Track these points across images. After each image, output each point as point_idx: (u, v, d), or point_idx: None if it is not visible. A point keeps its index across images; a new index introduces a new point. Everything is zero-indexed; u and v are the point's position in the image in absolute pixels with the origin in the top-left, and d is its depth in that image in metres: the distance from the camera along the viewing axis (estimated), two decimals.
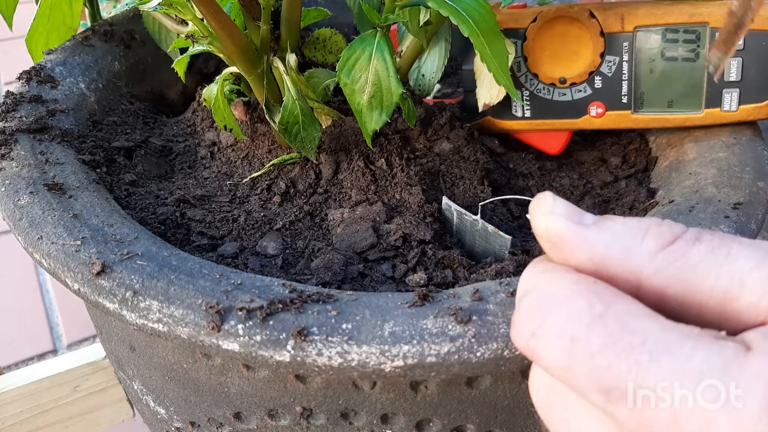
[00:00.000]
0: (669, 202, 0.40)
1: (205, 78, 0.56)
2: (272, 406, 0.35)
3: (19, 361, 0.79)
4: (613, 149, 0.50)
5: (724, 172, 0.41)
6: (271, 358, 0.29)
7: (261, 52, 0.42)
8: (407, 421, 0.35)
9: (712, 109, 0.44)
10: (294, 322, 0.30)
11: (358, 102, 0.39)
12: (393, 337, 0.29)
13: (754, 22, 0.41)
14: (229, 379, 0.35)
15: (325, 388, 0.34)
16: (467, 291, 0.32)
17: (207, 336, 0.30)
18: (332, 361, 0.29)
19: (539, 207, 0.24)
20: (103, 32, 0.53)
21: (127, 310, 0.31)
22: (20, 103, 0.44)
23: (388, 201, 0.43)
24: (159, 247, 0.34)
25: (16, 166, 0.39)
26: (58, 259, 0.34)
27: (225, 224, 0.41)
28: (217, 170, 0.46)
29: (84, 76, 0.49)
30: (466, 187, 0.45)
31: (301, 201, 0.43)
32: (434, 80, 0.50)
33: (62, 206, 0.36)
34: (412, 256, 0.39)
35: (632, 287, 0.22)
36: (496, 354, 0.29)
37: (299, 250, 0.40)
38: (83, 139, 0.44)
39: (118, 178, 0.43)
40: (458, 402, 0.34)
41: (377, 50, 0.39)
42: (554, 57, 0.45)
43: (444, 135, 0.46)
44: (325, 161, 0.44)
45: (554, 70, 0.45)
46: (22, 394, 0.55)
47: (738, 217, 0.37)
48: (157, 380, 0.39)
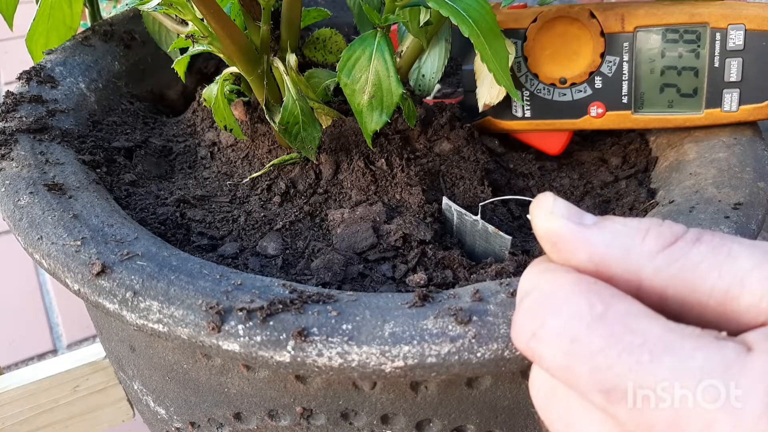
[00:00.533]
0: (669, 202, 0.40)
1: (205, 78, 0.56)
2: (272, 407, 0.35)
3: (19, 361, 0.80)
4: (613, 149, 0.50)
5: (724, 172, 0.41)
6: (271, 359, 0.29)
7: (261, 52, 0.42)
8: (407, 421, 0.35)
9: (712, 109, 0.44)
10: (294, 322, 0.30)
11: (359, 102, 0.39)
12: (393, 338, 0.29)
13: (754, 22, 0.41)
14: (229, 379, 0.35)
15: (325, 388, 0.34)
16: (467, 291, 0.32)
17: (207, 336, 0.30)
18: (332, 362, 0.29)
19: (540, 207, 0.24)
20: (103, 32, 0.53)
21: (127, 311, 0.31)
22: (20, 103, 0.44)
23: (389, 201, 0.43)
24: (159, 247, 0.34)
25: (16, 167, 0.39)
26: (58, 259, 0.34)
27: (225, 224, 0.41)
28: (217, 170, 0.46)
29: (84, 76, 0.49)
30: (466, 187, 0.45)
31: (301, 201, 0.43)
32: (434, 80, 0.50)
33: (62, 206, 0.36)
34: (412, 256, 0.39)
35: (633, 287, 0.22)
36: (496, 354, 0.29)
37: (299, 251, 0.40)
38: (83, 139, 0.44)
39: (118, 178, 0.43)
40: (458, 402, 0.34)
41: (377, 50, 0.39)
42: (554, 57, 0.45)
43: (444, 135, 0.46)
44: (326, 161, 0.44)
45: (554, 70, 0.45)
46: (22, 394, 0.55)
47: (738, 218, 0.37)
48: (157, 380, 0.39)
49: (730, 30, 0.41)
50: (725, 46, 0.42)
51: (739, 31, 0.41)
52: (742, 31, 0.41)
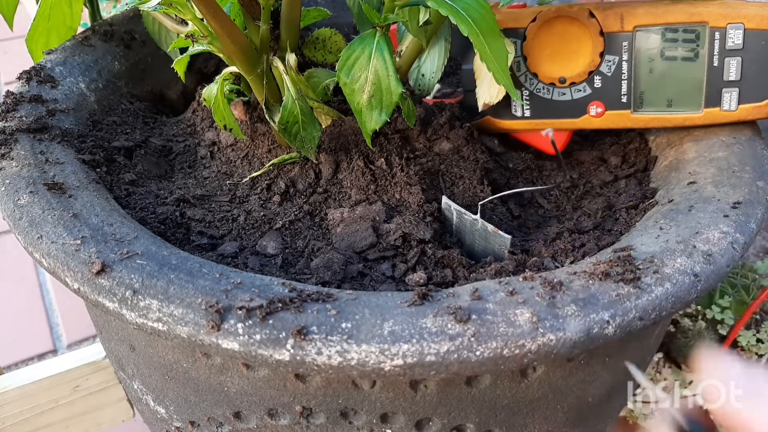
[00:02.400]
0: (668, 201, 0.40)
1: (205, 78, 0.56)
2: (272, 405, 0.35)
3: (19, 361, 0.80)
4: (613, 149, 0.50)
5: (723, 171, 0.41)
6: (270, 357, 0.29)
7: (261, 52, 0.42)
8: (407, 420, 0.35)
9: (711, 108, 0.44)
10: (294, 321, 0.30)
11: (358, 101, 0.39)
12: (392, 336, 0.29)
13: (753, 21, 0.41)
14: (229, 378, 0.35)
15: (324, 387, 0.34)
16: (466, 290, 0.32)
17: (207, 335, 0.30)
18: (332, 360, 0.29)
19: None
20: (103, 32, 0.53)
21: (126, 310, 0.31)
22: (20, 103, 0.44)
23: (388, 200, 0.43)
24: (159, 246, 0.34)
25: (16, 166, 0.39)
26: (58, 258, 0.34)
27: (225, 224, 0.41)
28: (217, 170, 0.46)
29: (84, 76, 0.49)
30: (465, 186, 0.45)
31: (301, 200, 0.43)
32: (434, 80, 0.50)
33: (62, 206, 0.36)
34: (411, 255, 0.39)
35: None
36: (495, 353, 0.29)
37: (299, 250, 0.40)
38: (83, 138, 0.44)
39: (118, 178, 0.43)
40: (458, 401, 0.34)
41: (377, 50, 0.39)
42: (554, 56, 0.45)
43: (443, 135, 0.46)
44: (325, 161, 0.44)
45: (554, 70, 0.45)
46: (22, 394, 0.55)
47: (737, 217, 0.37)
48: (156, 380, 0.39)
49: (729, 29, 0.41)
50: (724, 45, 0.42)
51: (738, 30, 0.41)
52: (741, 30, 0.41)
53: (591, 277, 0.32)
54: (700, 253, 0.34)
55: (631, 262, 0.33)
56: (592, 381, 0.37)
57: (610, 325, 0.31)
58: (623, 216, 0.42)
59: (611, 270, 0.33)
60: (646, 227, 0.38)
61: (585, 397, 0.38)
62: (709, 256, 0.34)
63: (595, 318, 0.30)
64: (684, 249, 0.34)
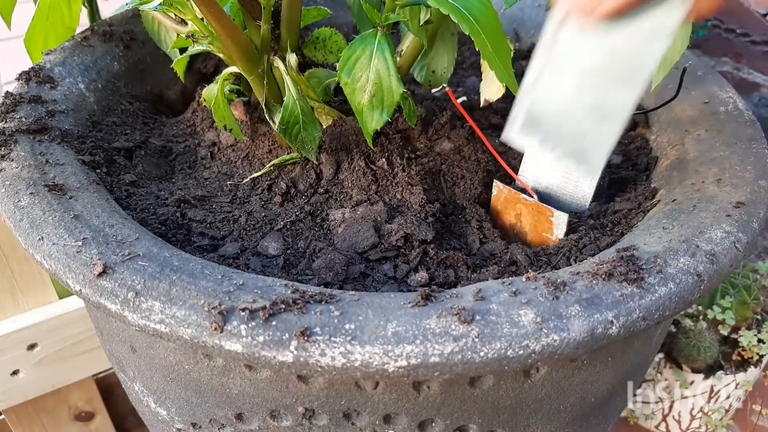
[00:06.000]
0: (671, 201, 0.40)
1: (204, 78, 0.56)
2: (274, 407, 0.35)
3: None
4: (614, 149, 0.50)
5: (725, 170, 0.41)
6: (273, 359, 0.29)
7: (261, 52, 0.41)
8: (410, 421, 0.35)
9: None
10: (297, 322, 0.29)
11: (359, 101, 0.39)
12: (396, 337, 0.29)
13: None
14: (231, 379, 0.35)
15: (327, 388, 0.34)
16: (470, 291, 0.32)
17: (209, 337, 0.30)
18: (335, 362, 0.29)
19: None
20: (102, 32, 0.52)
21: (129, 311, 0.31)
22: (20, 104, 0.44)
23: (390, 201, 0.43)
24: (160, 247, 0.34)
25: (16, 167, 0.39)
26: (59, 260, 0.33)
27: (226, 225, 0.41)
28: (218, 170, 0.46)
29: (83, 77, 0.49)
30: (466, 187, 0.45)
31: (302, 201, 0.43)
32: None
33: (63, 207, 0.36)
34: (413, 256, 0.39)
35: None
36: (499, 353, 0.29)
37: (300, 251, 0.40)
38: (83, 139, 0.44)
39: (118, 179, 0.43)
40: (461, 402, 0.34)
41: (378, 49, 0.38)
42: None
43: (445, 134, 0.46)
44: (326, 161, 0.44)
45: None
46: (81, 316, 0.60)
47: (740, 216, 0.37)
48: (158, 381, 0.39)
49: None
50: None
51: None
52: None
53: (594, 277, 0.32)
54: (703, 252, 0.34)
55: (634, 262, 0.33)
56: (595, 381, 0.37)
57: (614, 325, 0.31)
58: (624, 216, 0.42)
59: (615, 270, 0.33)
60: (648, 227, 0.38)
61: (587, 397, 0.38)
62: (712, 255, 0.34)
63: (599, 318, 0.30)
64: (687, 248, 0.34)
